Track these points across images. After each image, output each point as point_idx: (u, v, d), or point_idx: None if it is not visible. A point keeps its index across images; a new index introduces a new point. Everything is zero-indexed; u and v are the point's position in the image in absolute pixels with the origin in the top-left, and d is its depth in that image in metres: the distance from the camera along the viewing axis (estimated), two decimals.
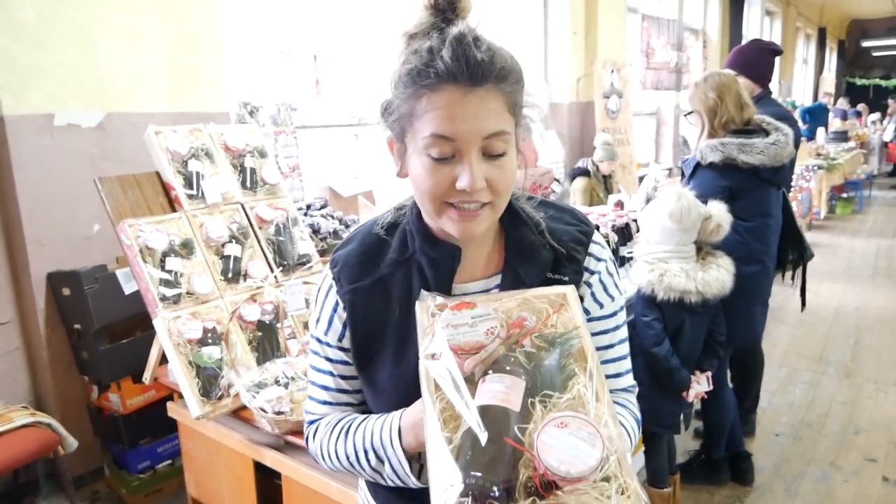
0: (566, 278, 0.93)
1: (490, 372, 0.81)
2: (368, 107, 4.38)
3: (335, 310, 0.99)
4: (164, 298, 1.99)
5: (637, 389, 1.06)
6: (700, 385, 2.36)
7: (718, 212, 2.30)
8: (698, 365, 2.38)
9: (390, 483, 0.94)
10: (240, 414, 2.00)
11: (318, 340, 1.02)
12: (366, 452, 0.93)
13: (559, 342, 0.85)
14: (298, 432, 1.82)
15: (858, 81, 18.54)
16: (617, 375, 1.02)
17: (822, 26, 16.03)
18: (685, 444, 3.03)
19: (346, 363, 1.01)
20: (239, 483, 2.04)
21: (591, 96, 6.19)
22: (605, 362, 0.99)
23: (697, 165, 2.56)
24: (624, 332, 1.03)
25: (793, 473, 2.93)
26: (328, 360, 1.02)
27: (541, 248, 0.95)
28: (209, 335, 2.04)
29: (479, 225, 0.88)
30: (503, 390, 0.78)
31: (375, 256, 0.98)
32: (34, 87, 2.64)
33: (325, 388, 1.03)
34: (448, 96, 0.81)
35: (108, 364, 2.67)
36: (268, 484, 1.99)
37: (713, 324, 2.39)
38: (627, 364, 1.04)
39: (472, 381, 0.82)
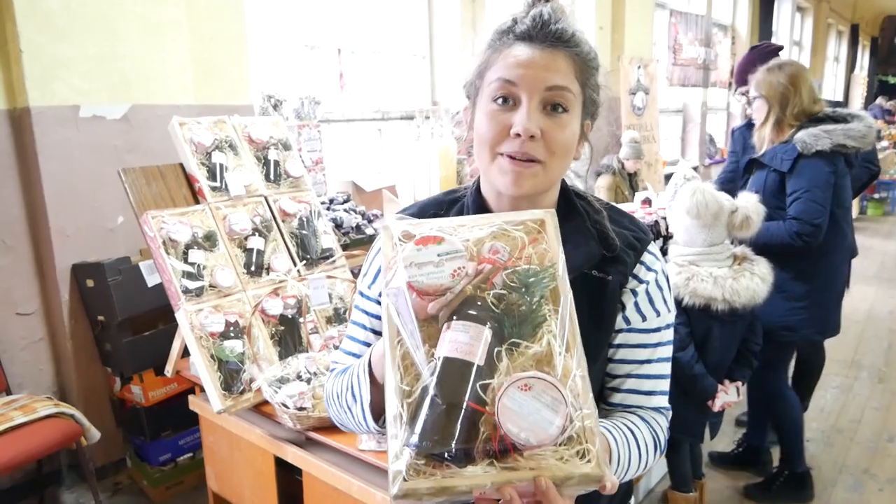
0: (609, 277, 0.91)
1: (455, 317, 0.76)
2: (392, 101, 4.35)
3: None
4: (186, 291, 1.97)
5: (670, 413, 1.03)
6: (728, 395, 2.24)
7: (746, 203, 2.18)
8: (729, 374, 2.27)
9: (363, 427, 0.94)
10: (261, 409, 1.98)
11: (361, 294, 1.05)
12: (346, 390, 0.94)
13: (532, 282, 0.79)
14: (320, 428, 1.79)
15: (892, 80, 18.04)
16: (649, 393, 0.98)
17: (855, 22, 15.63)
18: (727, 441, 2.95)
19: (380, 319, 1.01)
20: (260, 478, 2.02)
21: (616, 92, 6.09)
22: (639, 377, 0.97)
23: (798, 157, 2.35)
24: (666, 352, 1.00)
25: (824, 481, 2.84)
26: (365, 312, 1.04)
27: (588, 238, 0.94)
28: (231, 329, 2.02)
29: (528, 180, 0.88)
30: (467, 341, 0.74)
31: None
32: (60, 79, 2.64)
33: (355, 339, 1.05)
34: (521, 50, 0.89)
35: (130, 356, 2.67)
36: (289, 480, 1.97)
37: (749, 332, 2.29)
38: (664, 385, 1.00)
39: (436, 323, 0.78)
